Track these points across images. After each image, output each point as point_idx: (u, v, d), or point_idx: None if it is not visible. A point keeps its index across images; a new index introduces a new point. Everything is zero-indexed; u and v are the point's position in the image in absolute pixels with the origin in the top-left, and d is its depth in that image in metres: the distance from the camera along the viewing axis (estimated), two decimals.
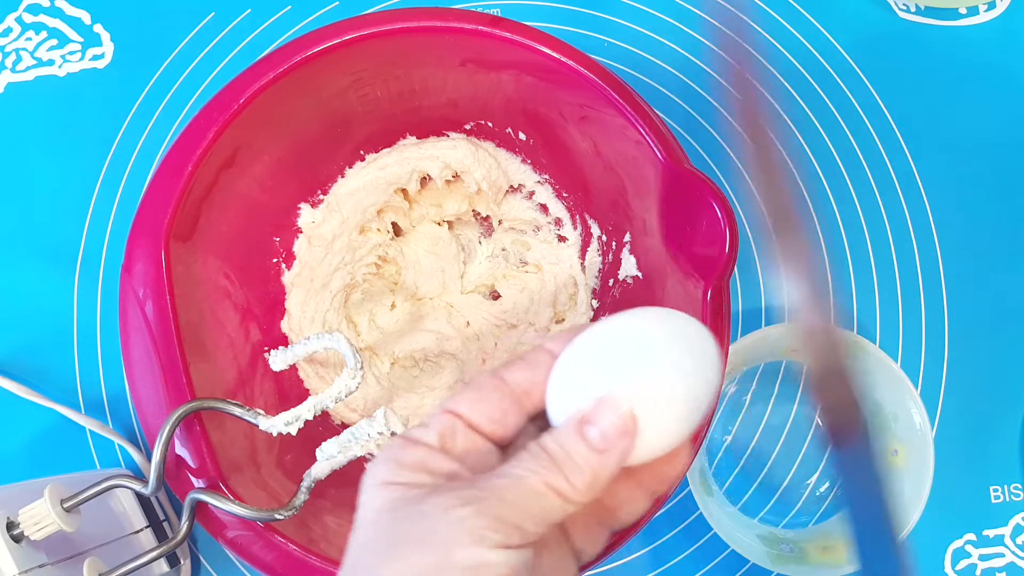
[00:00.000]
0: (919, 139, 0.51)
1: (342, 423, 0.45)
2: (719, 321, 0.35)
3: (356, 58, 0.40)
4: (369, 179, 0.46)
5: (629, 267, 0.44)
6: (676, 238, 0.37)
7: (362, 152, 0.46)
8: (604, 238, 0.46)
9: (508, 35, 0.38)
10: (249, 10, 0.52)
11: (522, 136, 0.45)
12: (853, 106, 0.51)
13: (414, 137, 0.46)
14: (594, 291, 0.47)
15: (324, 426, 0.44)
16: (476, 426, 0.26)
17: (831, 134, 0.51)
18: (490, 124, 0.45)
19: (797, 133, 0.51)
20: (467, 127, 0.46)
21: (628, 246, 0.44)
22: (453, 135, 0.46)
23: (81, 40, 0.52)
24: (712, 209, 0.34)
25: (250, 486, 0.37)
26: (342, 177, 0.46)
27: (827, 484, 0.48)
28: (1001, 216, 0.50)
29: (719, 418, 0.48)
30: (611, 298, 0.46)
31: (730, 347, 0.43)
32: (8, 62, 0.52)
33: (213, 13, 0.53)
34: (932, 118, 0.51)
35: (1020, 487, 0.47)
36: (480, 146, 0.46)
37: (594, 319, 0.47)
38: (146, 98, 0.52)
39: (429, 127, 0.46)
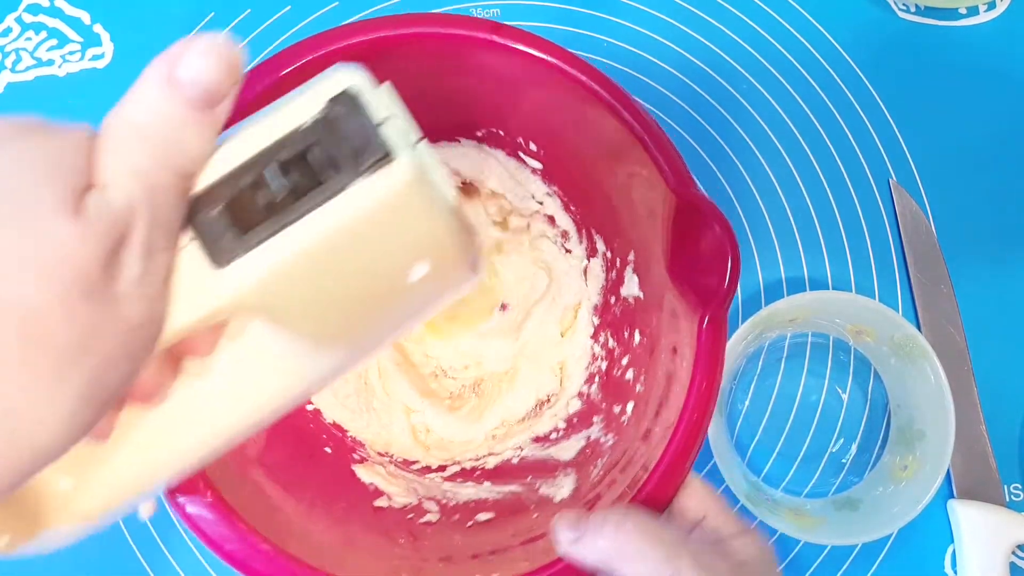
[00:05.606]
0: (919, 139, 0.51)
1: (334, 422, 0.45)
2: (716, 351, 0.34)
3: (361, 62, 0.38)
4: None
5: (631, 286, 0.43)
6: (678, 261, 0.36)
7: None
8: (609, 255, 0.45)
9: (528, 50, 0.37)
10: (249, 10, 0.53)
11: (533, 147, 0.44)
12: (853, 106, 0.51)
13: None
14: (596, 307, 0.46)
15: (315, 423, 0.44)
16: None
17: (831, 134, 0.51)
18: (501, 132, 0.44)
19: (797, 133, 0.51)
20: (479, 133, 0.45)
21: (632, 264, 0.43)
22: (464, 141, 0.45)
23: (81, 40, 0.52)
24: (716, 236, 0.33)
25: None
26: None
27: (853, 451, 0.48)
28: (1001, 216, 0.50)
29: (734, 391, 0.48)
30: (612, 315, 0.45)
31: (739, 327, 0.44)
32: (8, 62, 0.52)
33: (213, 13, 0.53)
34: (932, 118, 0.51)
35: (1020, 487, 0.47)
36: (491, 155, 0.45)
37: (594, 335, 0.46)
38: None
39: (440, 131, 0.44)
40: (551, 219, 0.47)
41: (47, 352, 0.19)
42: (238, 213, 0.21)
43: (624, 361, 0.44)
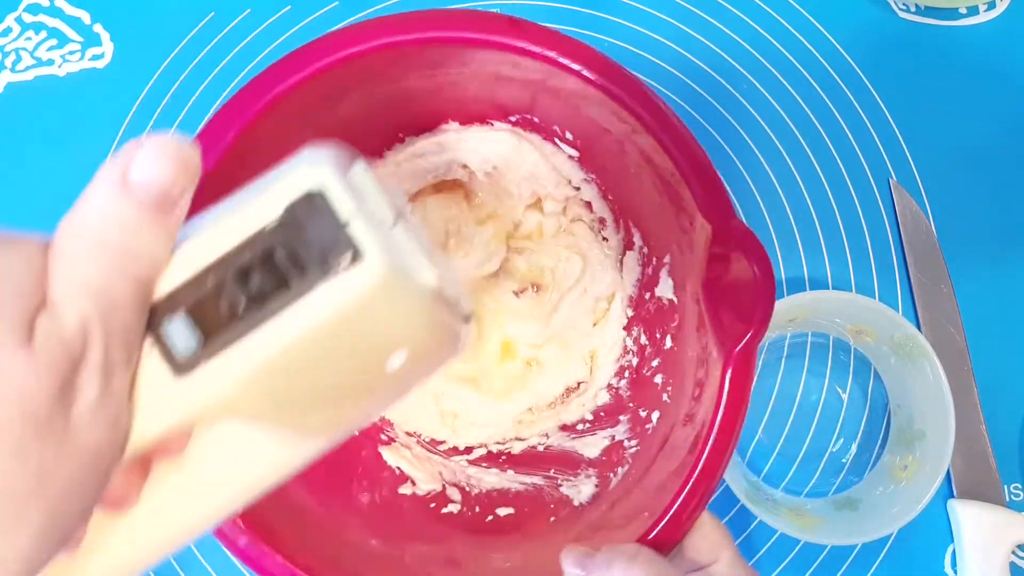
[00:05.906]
0: (919, 139, 0.51)
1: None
2: (742, 388, 0.32)
3: (389, 62, 0.36)
4: (405, 164, 0.44)
5: (665, 288, 0.43)
6: (710, 286, 0.34)
7: (400, 135, 0.44)
8: (646, 250, 0.44)
9: (553, 55, 0.35)
10: (249, 10, 0.52)
11: (568, 135, 0.43)
12: (853, 106, 0.51)
13: (456, 123, 0.44)
14: (630, 299, 0.46)
15: None
16: None
17: (831, 134, 0.51)
18: (535, 119, 0.43)
19: (797, 133, 0.51)
20: (512, 119, 0.43)
21: (667, 267, 0.42)
22: (498, 125, 0.44)
23: (81, 40, 0.52)
24: (750, 274, 0.31)
25: None
26: (379, 159, 0.44)
27: (852, 451, 0.48)
28: (1001, 216, 0.50)
29: None
30: (646, 311, 0.44)
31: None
32: (8, 62, 0.52)
33: (213, 13, 0.52)
34: (932, 118, 0.51)
35: (1020, 487, 0.47)
36: (525, 139, 0.44)
37: (627, 328, 0.46)
38: (146, 98, 0.52)
39: (473, 115, 0.43)
40: (588, 205, 0.46)
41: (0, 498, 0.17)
42: (201, 318, 0.21)
43: (654, 363, 0.43)
